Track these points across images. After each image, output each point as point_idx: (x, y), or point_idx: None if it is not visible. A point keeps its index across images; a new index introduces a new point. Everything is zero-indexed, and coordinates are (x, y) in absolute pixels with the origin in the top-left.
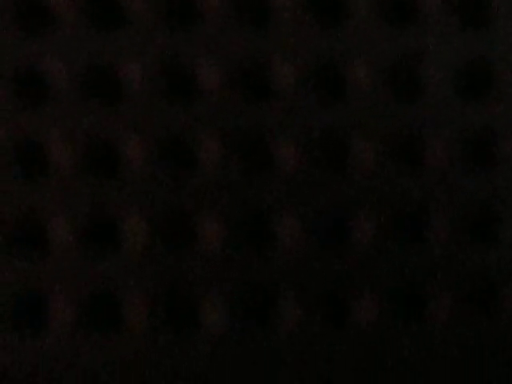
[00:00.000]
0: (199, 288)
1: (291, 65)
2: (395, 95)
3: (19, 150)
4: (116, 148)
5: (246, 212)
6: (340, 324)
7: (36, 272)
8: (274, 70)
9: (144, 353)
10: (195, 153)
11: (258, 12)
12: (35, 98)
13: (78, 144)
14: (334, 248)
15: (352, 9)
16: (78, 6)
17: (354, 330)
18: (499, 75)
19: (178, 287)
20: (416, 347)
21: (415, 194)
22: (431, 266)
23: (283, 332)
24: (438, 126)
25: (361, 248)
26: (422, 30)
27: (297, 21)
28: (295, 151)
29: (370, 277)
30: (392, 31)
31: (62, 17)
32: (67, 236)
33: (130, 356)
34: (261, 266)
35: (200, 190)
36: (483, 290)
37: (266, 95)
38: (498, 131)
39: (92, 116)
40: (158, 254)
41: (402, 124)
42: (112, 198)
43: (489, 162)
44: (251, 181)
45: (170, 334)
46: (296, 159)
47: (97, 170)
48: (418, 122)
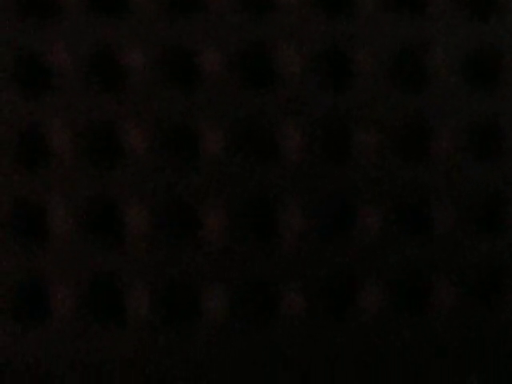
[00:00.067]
0: (201, 278)
1: (296, 52)
2: (401, 84)
3: (21, 138)
4: (118, 136)
5: (249, 201)
6: (342, 315)
7: (36, 262)
8: (278, 57)
9: (145, 343)
10: (198, 141)
11: None
12: (37, 86)
13: (80, 132)
14: (337, 238)
15: None
16: None
17: (357, 321)
18: (506, 64)
19: (180, 277)
20: (418, 338)
21: (420, 184)
22: (435, 257)
23: (285, 323)
24: (445, 116)
25: (364, 238)
26: (429, 18)
27: (302, 7)
28: (299, 140)
29: (374, 267)
30: (399, 19)
31: (65, 5)
32: (68, 225)
33: (132, 346)
34: (263, 257)
35: (202, 179)
36: (487, 282)
37: (270, 83)
38: (505, 121)
39: (94, 104)
40: (160, 244)
41: (408, 113)
42: (113, 187)
43: (495, 152)
44: (254, 169)
45: (172, 324)
46: (300, 148)
47: (99, 159)
48: (425, 111)
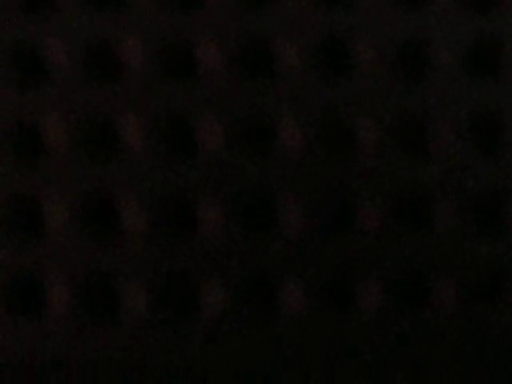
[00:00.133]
0: (199, 275)
1: (295, 45)
2: (402, 76)
3: (17, 132)
4: (115, 131)
5: (248, 197)
6: (344, 310)
7: (32, 257)
8: (278, 51)
9: (141, 341)
10: (196, 134)
11: None
12: (34, 80)
13: (77, 126)
14: (338, 233)
15: None
16: None
17: (357, 320)
18: (507, 56)
19: (177, 274)
20: (418, 337)
21: (421, 179)
22: (435, 256)
23: (285, 320)
24: (445, 108)
25: (365, 233)
26: (430, 10)
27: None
28: (298, 134)
29: (375, 262)
30: (399, 10)
31: None
32: (64, 220)
33: (128, 343)
34: (262, 254)
35: (201, 174)
36: (489, 279)
37: (269, 76)
38: (507, 113)
39: (91, 98)
40: (157, 240)
41: (409, 105)
42: (110, 182)
43: (497, 145)
44: (253, 165)
45: (169, 321)
46: (299, 142)
47: (95, 153)
48: (425, 104)
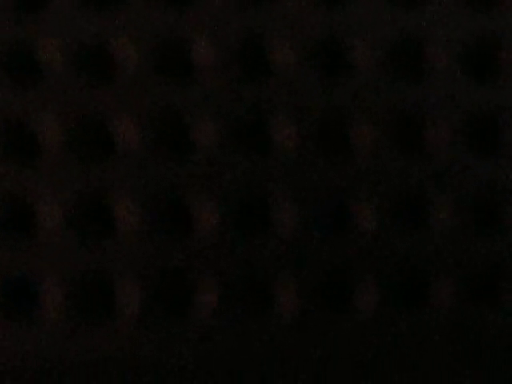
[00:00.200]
0: (193, 274)
1: (292, 44)
2: (399, 75)
3: (10, 132)
4: (109, 130)
5: (243, 195)
6: (340, 310)
7: (25, 257)
8: (274, 49)
9: (136, 339)
10: (191, 133)
11: None
12: (28, 80)
13: (70, 126)
14: (334, 232)
15: None
16: None
17: (354, 319)
18: (506, 56)
19: (172, 272)
20: (415, 337)
21: (418, 179)
22: (434, 254)
23: (279, 320)
24: (443, 107)
25: (362, 233)
26: (428, 8)
27: None
28: (294, 133)
29: (372, 262)
30: (397, 9)
31: None
32: (58, 220)
33: (122, 342)
34: (257, 252)
35: (195, 173)
36: (486, 279)
37: (265, 75)
38: (505, 113)
39: (85, 97)
40: (151, 239)
41: (406, 105)
42: (104, 181)
43: (495, 145)
44: (248, 163)
45: (163, 320)
46: (295, 141)
47: (89, 153)
48: (423, 103)
